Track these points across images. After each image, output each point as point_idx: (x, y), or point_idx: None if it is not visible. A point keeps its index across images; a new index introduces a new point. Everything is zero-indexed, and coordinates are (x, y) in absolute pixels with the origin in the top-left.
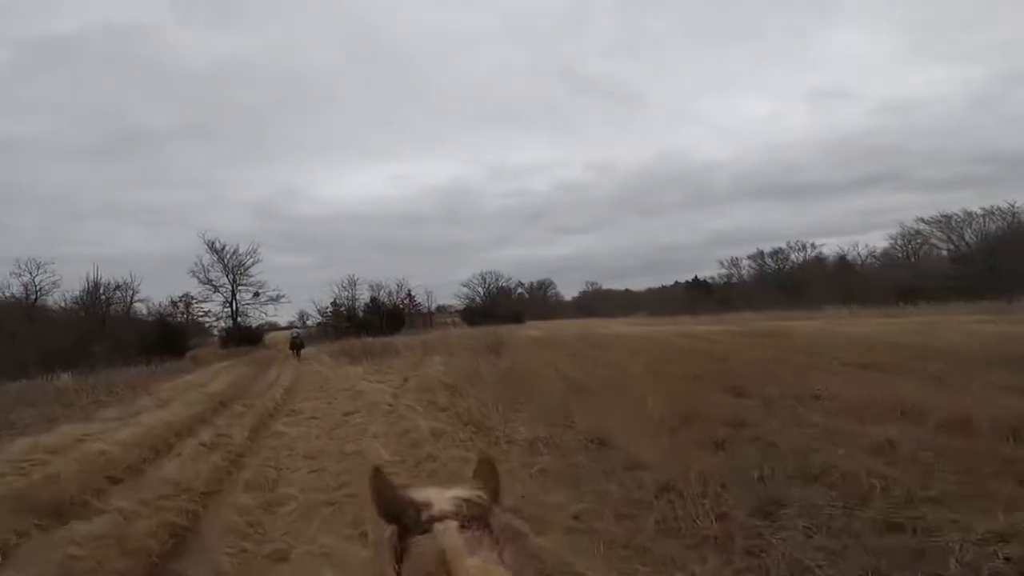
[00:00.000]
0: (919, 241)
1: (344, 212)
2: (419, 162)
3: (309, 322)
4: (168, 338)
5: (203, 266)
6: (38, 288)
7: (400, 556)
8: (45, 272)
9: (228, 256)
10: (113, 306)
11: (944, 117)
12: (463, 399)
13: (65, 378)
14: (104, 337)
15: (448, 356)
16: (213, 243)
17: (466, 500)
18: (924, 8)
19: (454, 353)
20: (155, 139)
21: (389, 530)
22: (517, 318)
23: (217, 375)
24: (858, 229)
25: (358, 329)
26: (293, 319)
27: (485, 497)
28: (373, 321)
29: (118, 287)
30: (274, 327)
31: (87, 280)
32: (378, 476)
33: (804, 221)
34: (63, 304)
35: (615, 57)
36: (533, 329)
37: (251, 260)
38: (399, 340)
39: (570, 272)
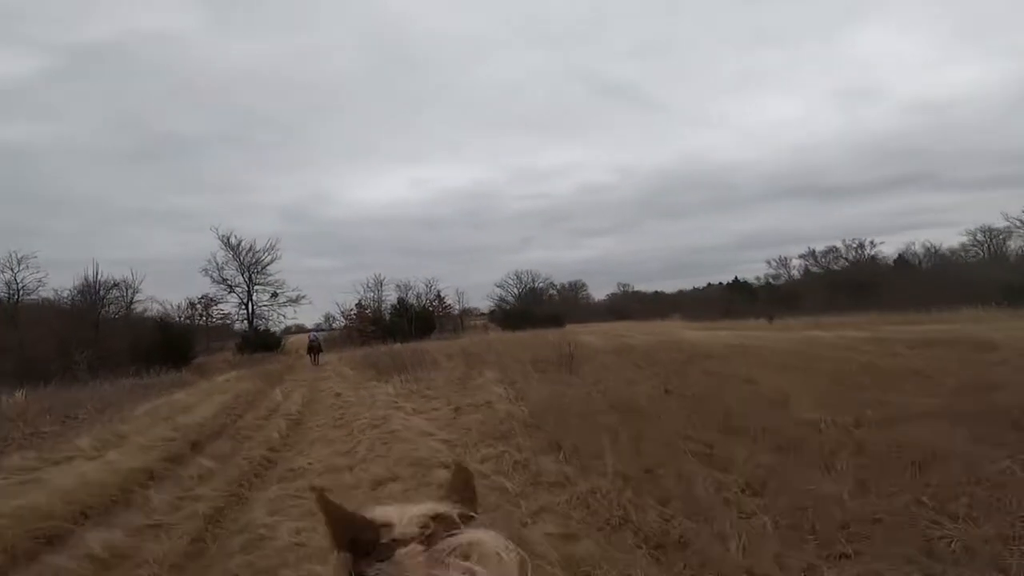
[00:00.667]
0: (1002, 237)
1: (368, 215)
2: (441, 166)
3: (334, 325)
4: (169, 344)
5: (217, 264)
6: (21, 287)
7: None
8: (27, 268)
9: (244, 253)
10: (111, 307)
11: (978, 116)
12: (580, 463)
13: (18, 396)
14: (95, 343)
15: (503, 372)
16: (228, 238)
17: (434, 519)
18: (954, 6)
19: (509, 367)
20: (185, 145)
21: (342, 557)
22: (556, 321)
23: (212, 393)
24: (889, 230)
25: (384, 333)
26: (319, 322)
27: (458, 511)
28: (400, 324)
29: (115, 285)
30: (301, 329)
31: (84, 278)
32: (325, 499)
33: (833, 223)
34: (61, 303)
35: (637, 60)
36: (584, 334)
37: (269, 257)
38: (432, 347)
39: (592, 275)
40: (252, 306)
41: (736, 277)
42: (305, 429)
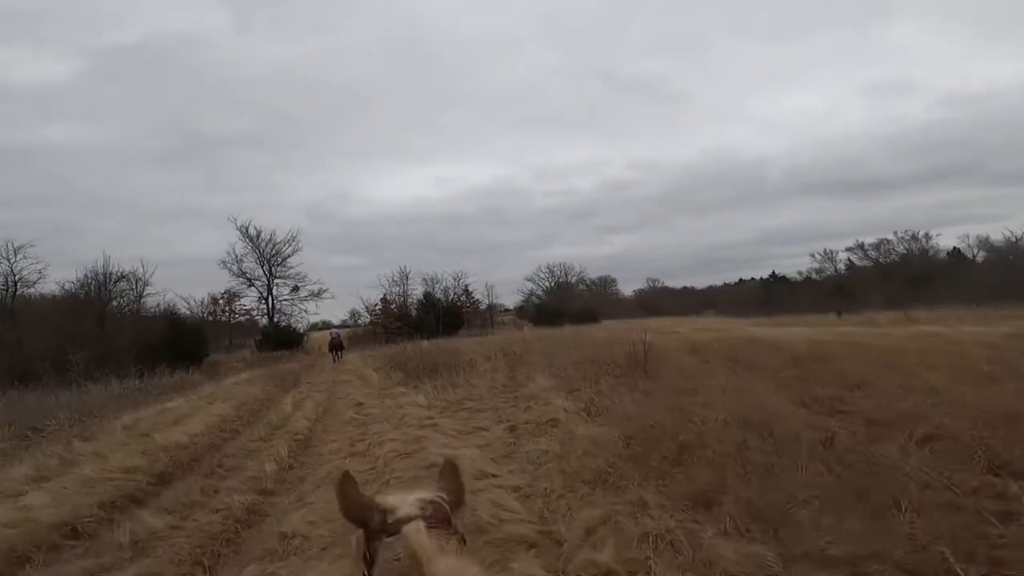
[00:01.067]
0: None
1: (391, 213)
2: (464, 164)
3: (359, 321)
4: (179, 341)
5: (236, 256)
6: (18, 278)
7: (369, 559)
8: (25, 257)
9: (264, 244)
10: (119, 300)
11: (1017, 108)
12: (776, 536)
13: None
14: (100, 340)
15: (559, 377)
16: (247, 228)
17: (430, 502)
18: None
19: (564, 370)
20: (215, 145)
21: (357, 534)
22: (591, 316)
23: (214, 400)
24: (925, 224)
25: (410, 330)
26: (345, 318)
27: (448, 499)
28: (427, 320)
29: (122, 277)
30: (328, 326)
31: (89, 269)
32: (347, 481)
33: (866, 217)
34: (64, 296)
35: (657, 56)
36: (628, 330)
37: (290, 249)
38: (464, 345)
39: (617, 271)
40: (272, 300)
41: (774, 272)
42: (313, 457)
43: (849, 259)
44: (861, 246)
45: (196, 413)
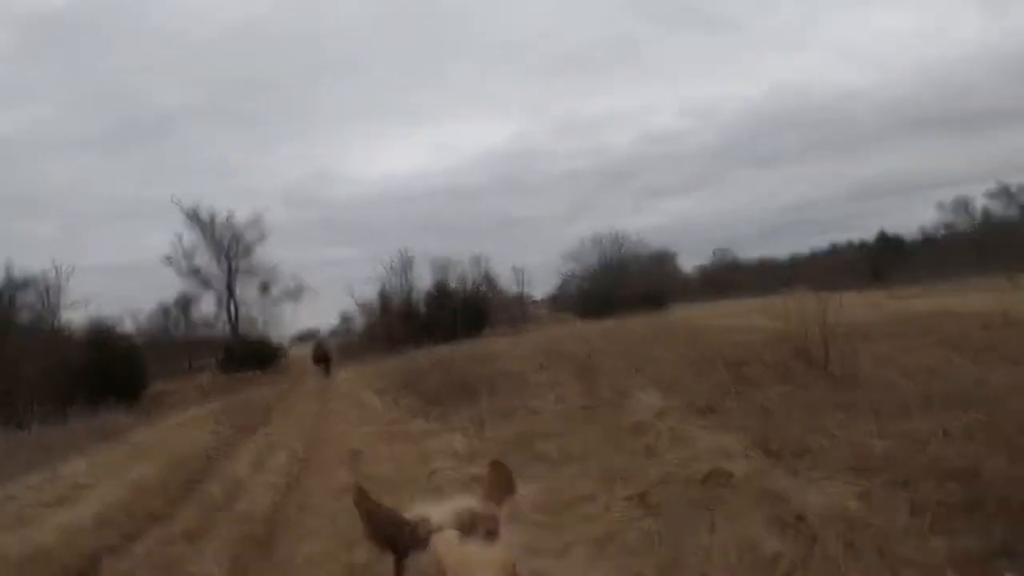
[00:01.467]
0: None
1: (387, 191)
2: (471, 124)
3: (353, 327)
4: (108, 368)
5: (183, 249)
6: None
7: None
8: None
9: (220, 230)
10: (27, 313)
11: None
12: None
13: None
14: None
15: (670, 390)
16: (195, 212)
17: (470, 511)
18: None
19: (667, 377)
20: (167, 122)
21: (388, 559)
22: (656, 301)
23: (140, 455)
24: None
25: (420, 332)
26: (336, 325)
27: (493, 507)
28: (441, 318)
29: (24, 285)
30: (315, 335)
31: None
32: (363, 496)
33: (985, 157)
34: None
35: None
36: (717, 316)
37: (255, 235)
38: (498, 348)
39: (664, 244)
40: (234, 304)
41: (883, 232)
42: None
43: (986, 208)
44: (1006, 190)
45: (100, 482)
